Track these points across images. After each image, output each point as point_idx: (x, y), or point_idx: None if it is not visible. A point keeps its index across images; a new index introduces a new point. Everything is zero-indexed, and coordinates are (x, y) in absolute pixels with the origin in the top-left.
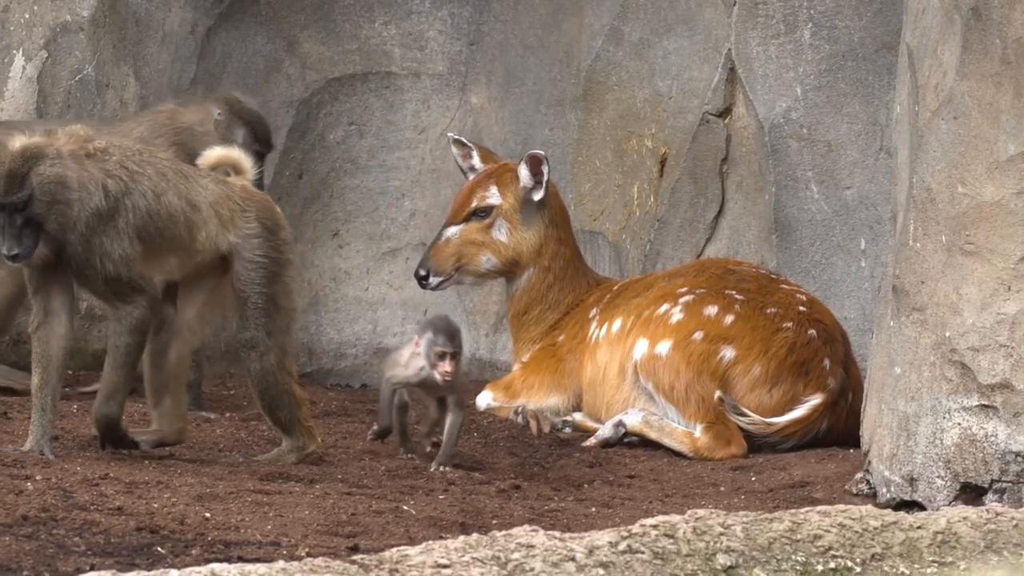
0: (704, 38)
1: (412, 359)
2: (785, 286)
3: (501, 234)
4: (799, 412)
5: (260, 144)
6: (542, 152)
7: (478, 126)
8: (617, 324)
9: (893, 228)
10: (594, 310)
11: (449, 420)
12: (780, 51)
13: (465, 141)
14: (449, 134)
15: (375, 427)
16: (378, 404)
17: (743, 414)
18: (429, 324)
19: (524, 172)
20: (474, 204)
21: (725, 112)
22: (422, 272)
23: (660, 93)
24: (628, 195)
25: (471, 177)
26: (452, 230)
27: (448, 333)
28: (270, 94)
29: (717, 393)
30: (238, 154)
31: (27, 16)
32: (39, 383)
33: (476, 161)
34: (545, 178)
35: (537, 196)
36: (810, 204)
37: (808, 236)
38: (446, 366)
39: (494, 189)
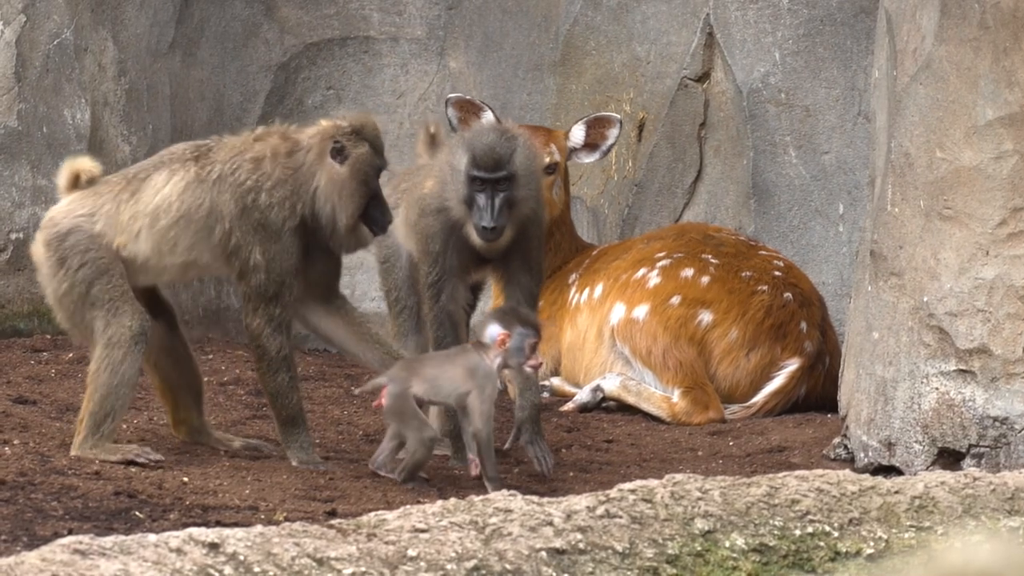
0: (682, 3)
1: (479, 363)
2: (763, 252)
3: (554, 193)
4: (778, 382)
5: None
6: (617, 115)
7: (456, 91)
8: (599, 289)
9: (871, 193)
10: (573, 275)
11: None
12: (758, 16)
13: (475, 101)
14: (450, 95)
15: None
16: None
17: None
18: (511, 319)
19: (579, 133)
20: (545, 160)
21: (703, 77)
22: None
23: (638, 58)
24: (606, 160)
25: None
26: None
27: (534, 323)
28: (248, 59)
29: None
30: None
31: None
32: None
33: (489, 118)
34: (610, 143)
35: (591, 158)
36: (788, 169)
37: (786, 201)
38: (539, 356)
39: (554, 147)
